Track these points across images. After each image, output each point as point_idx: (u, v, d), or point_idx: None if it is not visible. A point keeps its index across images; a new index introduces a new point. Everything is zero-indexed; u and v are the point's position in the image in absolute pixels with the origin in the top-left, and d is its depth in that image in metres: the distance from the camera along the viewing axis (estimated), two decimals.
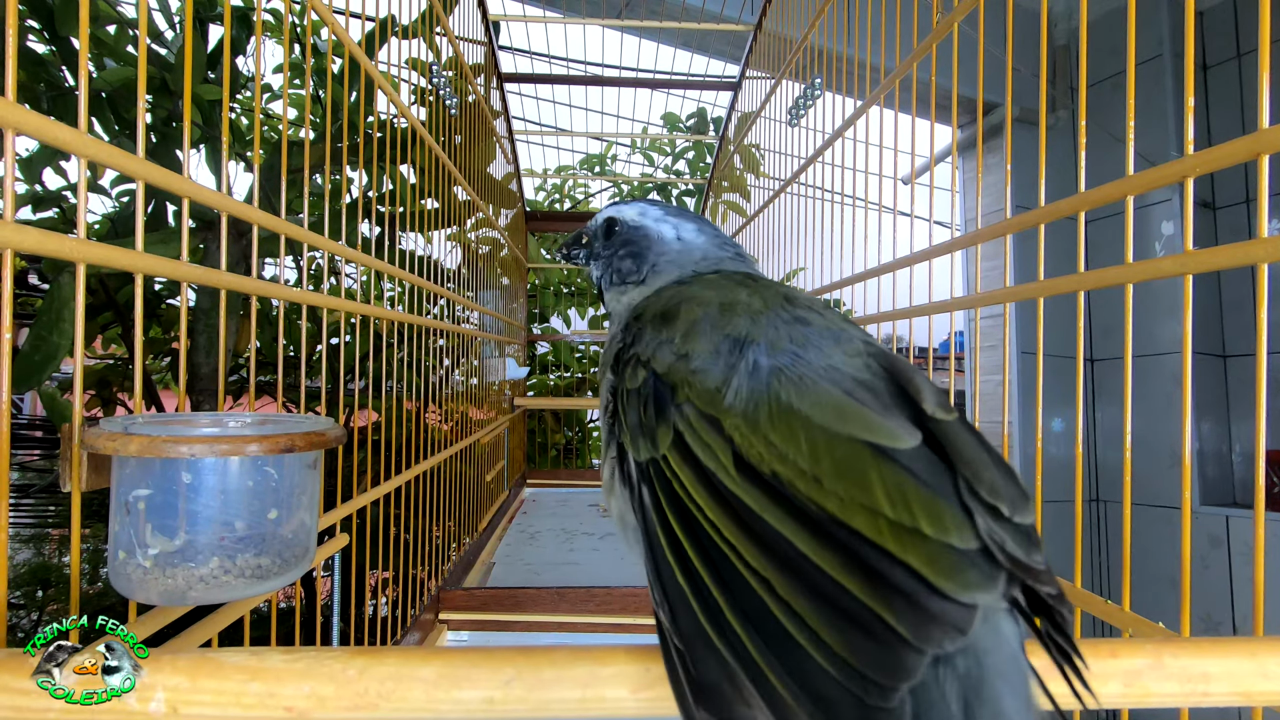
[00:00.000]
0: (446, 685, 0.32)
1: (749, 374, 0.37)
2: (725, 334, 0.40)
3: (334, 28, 0.83)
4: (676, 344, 0.41)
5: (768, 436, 0.33)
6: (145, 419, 0.47)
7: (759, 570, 0.29)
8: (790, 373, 0.36)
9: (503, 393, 2.24)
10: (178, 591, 0.44)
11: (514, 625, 1.24)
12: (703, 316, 0.42)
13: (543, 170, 3.59)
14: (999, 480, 0.31)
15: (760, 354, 0.37)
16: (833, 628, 0.26)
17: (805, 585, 0.28)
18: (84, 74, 0.49)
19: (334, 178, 2.01)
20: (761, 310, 0.42)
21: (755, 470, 0.32)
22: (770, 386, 0.35)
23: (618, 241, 0.59)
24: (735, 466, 0.33)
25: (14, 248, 0.41)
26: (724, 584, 0.29)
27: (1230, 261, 0.47)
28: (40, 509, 3.36)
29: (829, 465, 0.31)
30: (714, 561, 0.31)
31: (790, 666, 0.26)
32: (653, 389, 0.39)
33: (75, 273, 0.46)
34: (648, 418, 0.39)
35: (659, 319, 0.44)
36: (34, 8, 1.58)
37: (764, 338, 0.38)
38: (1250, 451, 2.76)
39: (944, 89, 0.87)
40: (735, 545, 0.30)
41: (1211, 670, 0.32)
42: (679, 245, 0.57)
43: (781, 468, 0.31)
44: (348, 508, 0.83)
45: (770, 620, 0.27)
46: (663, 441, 0.37)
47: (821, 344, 0.38)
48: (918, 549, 0.27)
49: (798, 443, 0.32)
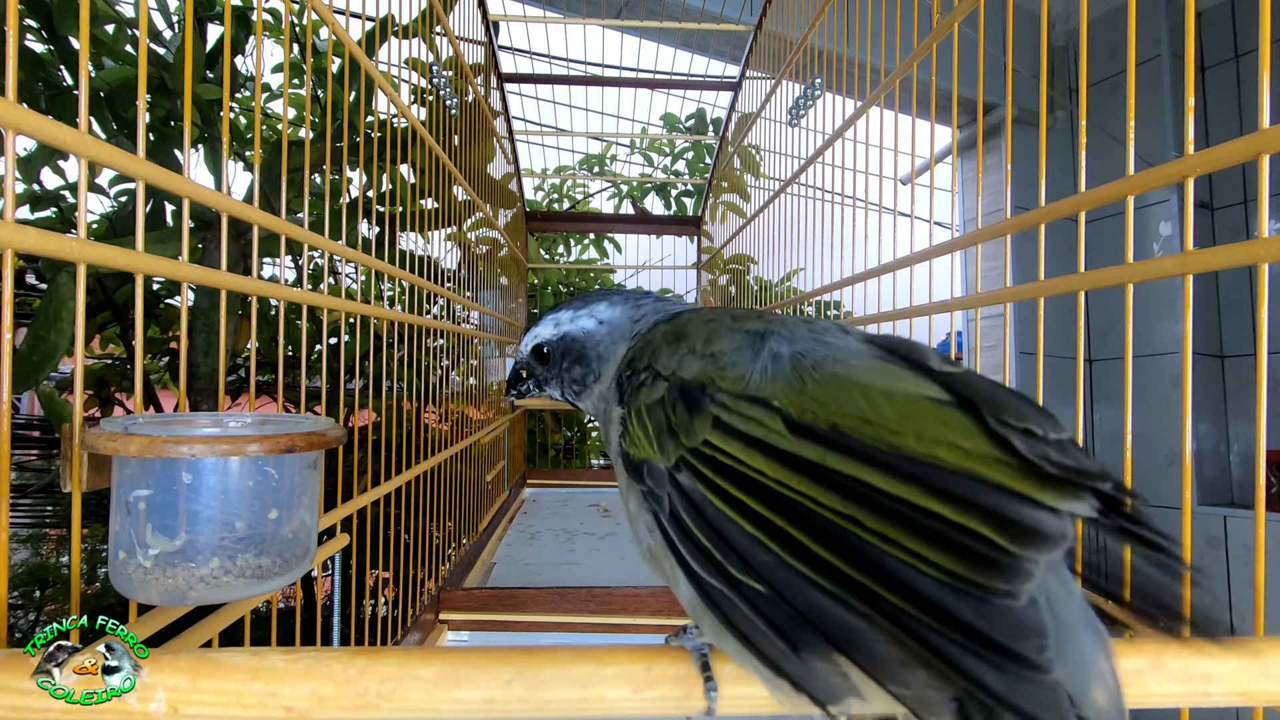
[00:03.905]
0: (447, 685, 0.32)
1: (776, 359, 0.38)
2: (745, 331, 0.41)
3: (333, 27, 0.83)
4: (699, 349, 0.42)
5: (818, 398, 0.34)
6: (145, 419, 0.47)
7: (841, 510, 0.29)
8: (817, 354, 0.37)
9: (502, 393, 2.24)
10: (178, 592, 0.44)
11: (514, 625, 1.24)
12: (718, 325, 0.43)
13: (542, 170, 3.59)
14: (1022, 407, 0.32)
15: (782, 344, 0.39)
16: (940, 548, 0.27)
17: (893, 517, 0.28)
18: (84, 74, 0.49)
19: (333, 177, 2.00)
20: (765, 316, 0.44)
21: (811, 429, 0.33)
22: (803, 365, 0.37)
23: (555, 360, 0.59)
24: (788, 429, 0.33)
25: (14, 247, 0.41)
26: (808, 526, 0.30)
27: (1231, 261, 0.47)
28: (38, 509, 3.35)
29: (893, 414, 0.32)
30: (793, 512, 0.31)
31: (903, 588, 0.27)
32: (680, 392, 0.39)
33: (74, 272, 0.46)
34: (678, 416, 0.38)
35: (673, 338, 0.45)
36: (32, 7, 1.57)
37: (781, 332, 0.40)
38: (1248, 452, 2.77)
39: (944, 89, 0.87)
40: (809, 494, 0.30)
41: (1212, 670, 0.32)
42: (605, 328, 0.58)
43: (843, 420, 0.32)
44: (348, 508, 0.83)
45: (869, 550, 0.28)
46: (700, 430, 0.36)
47: (832, 334, 0.40)
48: (1005, 470, 0.29)
49: (854, 400, 0.33)
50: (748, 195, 2.21)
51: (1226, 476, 2.75)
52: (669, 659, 0.35)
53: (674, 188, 3.74)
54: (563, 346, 0.58)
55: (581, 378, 0.58)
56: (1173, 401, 2.56)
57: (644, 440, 0.40)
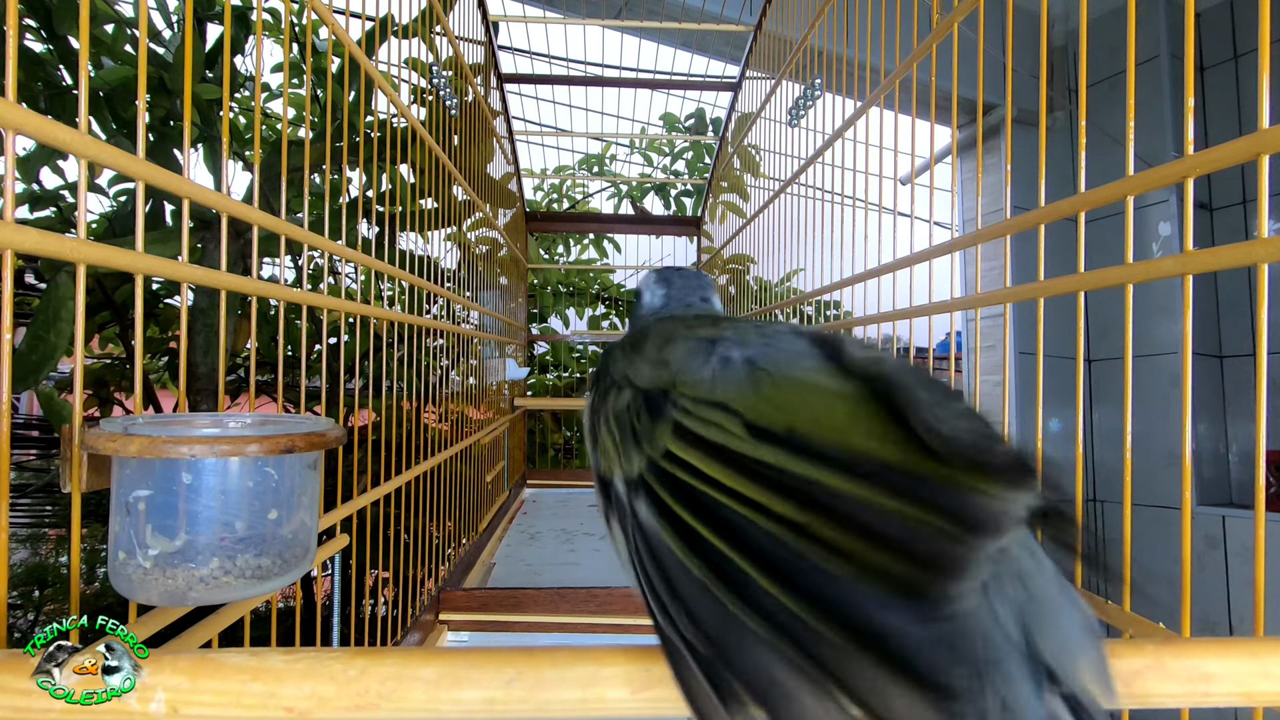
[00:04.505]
0: (447, 685, 0.32)
1: (728, 364, 0.38)
2: (697, 338, 0.42)
3: (333, 27, 0.83)
4: (653, 358, 0.42)
5: (773, 400, 0.34)
6: (145, 419, 0.47)
7: (794, 518, 0.29)
8: (767, 358, 0.38)
9: (502, 393, 2.24)
10: (178, 592, 0.44)
11: (514, 626, 1.24)
12: (670, 334, 0.44)
13: (542, 170, 3.59)
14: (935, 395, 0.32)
15: (734, 349, 0.39)
16: (883, 547, 0.27)
17: (844, 518, 0.28)
18: (84, 73, 0.49)
19: (333, 177, 2.00)
20: (720, 323, 0.45)
21: (768, 431, 0.33)
22: (756, 369, 0.37)
23: None
24: (748, 432, 0.33)
25: (14, 248, 0.41)
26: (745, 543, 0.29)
27: (1230, 262, 0.47)
28: (37, 509, 3.35)
29: (844, 412, 0.32)
30: (734, 527, 0.30)
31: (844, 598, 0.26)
32: (643, 400, 0.40)
33: (73, 272, 0.46)
34: (642, 424, 0.38)
35: (630, 348, 0.46)
36: (32, 6, 1.57)
37: (731, 337, 0.41)
38: (1247, 452, 2.77)
39: (943, 89, 0.87)
40: (763, 503, 0.30)
41: (1213, 671, 0.32)
42: (643, 309, 0.64)
43: (798, 421, 0.32)
44: (347, 508, 0.83)
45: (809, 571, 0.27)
46: (661, 437, 0.36)
47: (781, 338, 0.41)
48: (950, 466, 0.29)
49: (807, 402, 0.34)
50: (747, 195, 2.21)
51: (1225, 476, 2.75)
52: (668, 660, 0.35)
53: (673, 188, 3.74)
54: None
55: None
56: (1172, 401, 2.56)
57: (611, 449, 0.40)
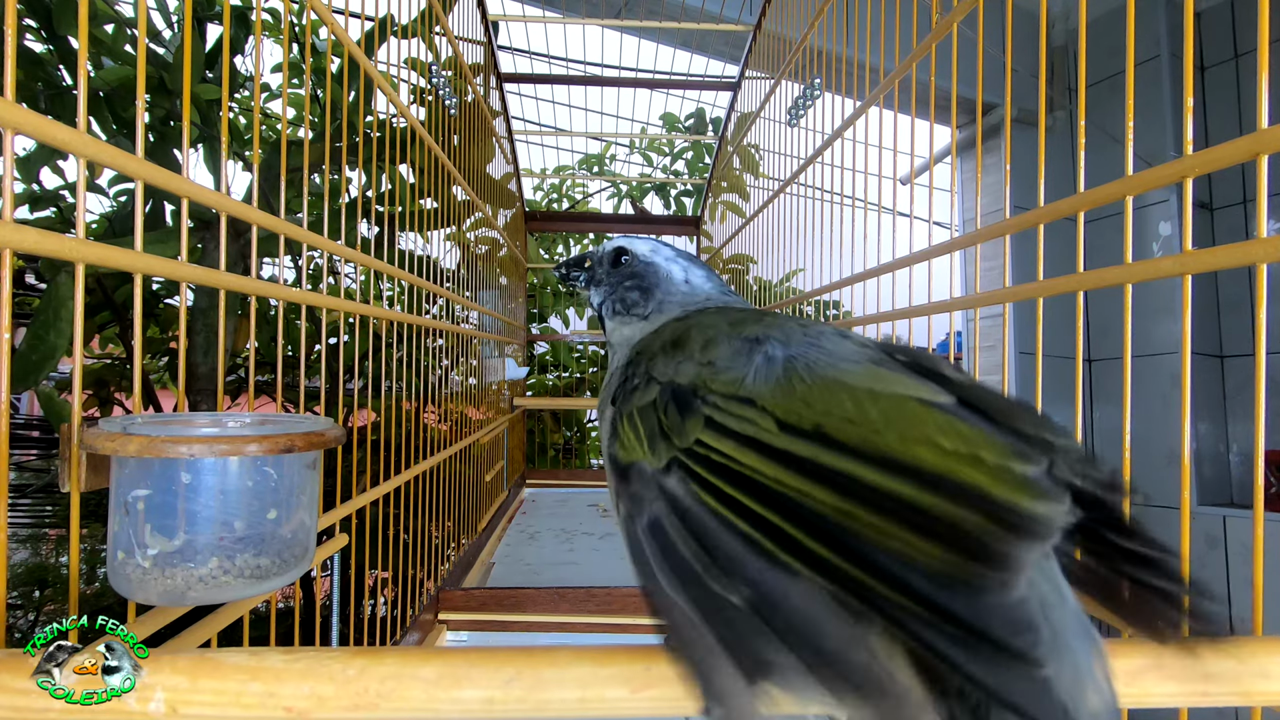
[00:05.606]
0: (446, 685, 0.32)
1: (769, 362, 0.38)
2: (741, 337, 0.41)
3: (333, 27, 0.83)
4: (696, 357, 0.42)
5: (806, 399, 0.34)
6: (144, 419, 0.47)
7: (835, 505, 0.29)
8: (809, 357, 0.38)
9: (501, 393, 2.24)
10: (177, 592, 0.44)
11: (514, 625, 1.24)
12: (716, 333, 0.43)
13: (541, 170, 3.59)
14: (1037, 419, 0.33)
15: (776, 348, 0.39)
16: (928, 537, 0.27)
17: (883, 509, 0.28)
18: (83, 73, 0.49)
19: (333, 177, 2.00)
20: (770, 321, 0.44)
21: (798, 429, 0.33)
22: (794, 368, 0.37)
23: (625, 273, 0.59)
24: (779, 428, 0.33)
25: (13, 247, 0.41)
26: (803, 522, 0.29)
27: (1230, 262, 0.47)
28: (37, 509, 3.35)
29: (878, 414, 0.32)
30: (787, 508, 0.30)
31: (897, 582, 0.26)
32: (671, 395, 0.39)
33: (73, 272, 0.46)
34: (670, 418, 0.38)
35: (671, 346, 0.45)
36: (31, 6, 1.57)
37: (777, 336, 0.40)
38: (1247, 451, 2.77)
39: (943, 89, 0.87)
40: (802, 489, 0.30)
41: (1212, 670, 0.32)
42: (686, 288, 0.58)
43: (828, 420, 0.32)
44: (347, 508, 0.83)
45: (864, 545, 0.28)
46: (692, 430, 0.36)
47: (829, 339, 0.40)
48: (982, 472, 0.29)
49: (840, 401, 0.33)
50: (747, 195, 2.21)
51: (1225, 476, 2.75)
52: (668, 659, 0.35)
53: (673, 187, 3.74)
54: (641, 269, 0.59)
55: (632, 305, 0.58)
56: (1172, 401, 2.56)
57: (634, 442, 0.40)
